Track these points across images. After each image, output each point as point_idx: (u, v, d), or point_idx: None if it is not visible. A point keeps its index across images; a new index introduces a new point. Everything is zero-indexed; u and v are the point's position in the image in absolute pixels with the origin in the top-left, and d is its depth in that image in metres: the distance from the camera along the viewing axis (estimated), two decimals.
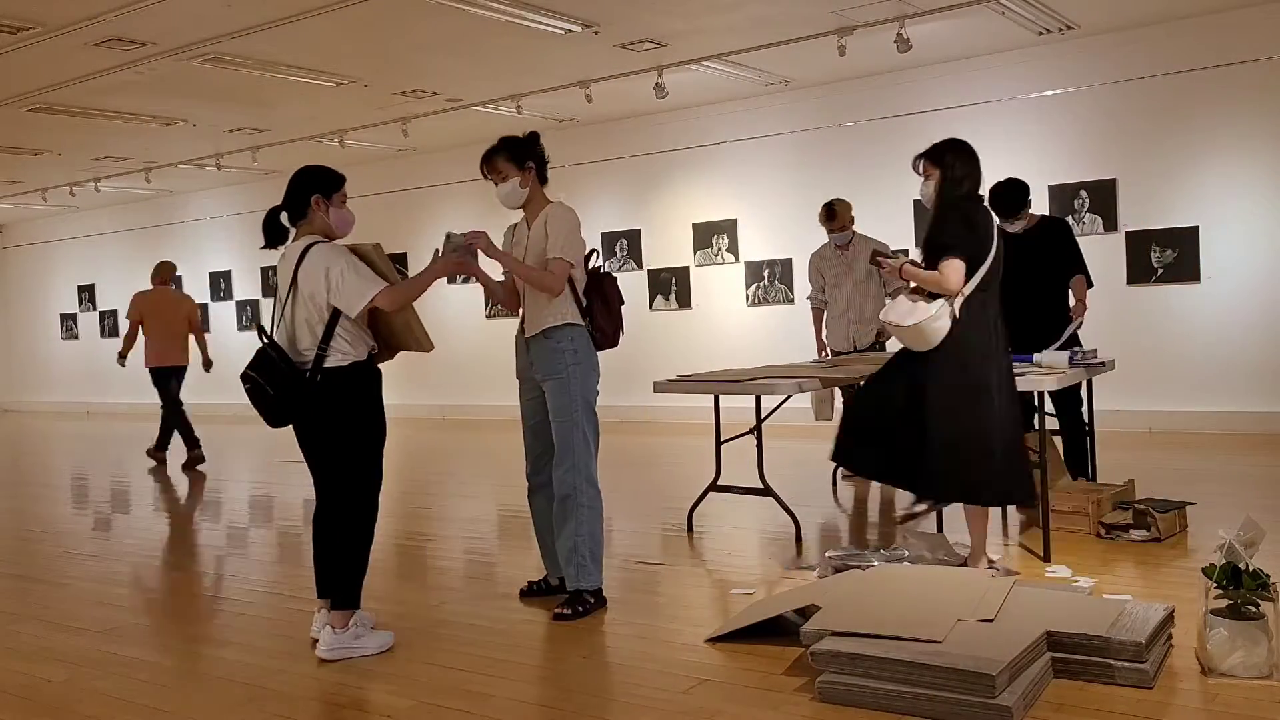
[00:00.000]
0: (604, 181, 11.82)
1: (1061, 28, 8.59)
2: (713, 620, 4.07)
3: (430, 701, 3.36)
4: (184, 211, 16.06)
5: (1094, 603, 3.63)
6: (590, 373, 4.27)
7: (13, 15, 7.18)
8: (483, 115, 10.91)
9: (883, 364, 4.56)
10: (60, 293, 18.14)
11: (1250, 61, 8.37)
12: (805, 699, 3.20)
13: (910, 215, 9.83)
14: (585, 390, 4.24)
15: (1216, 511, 5.42)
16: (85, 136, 11.20)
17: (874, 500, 6.52)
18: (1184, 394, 8.79)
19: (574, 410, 4.21)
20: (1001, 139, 9.49)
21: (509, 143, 4.28)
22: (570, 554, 4.24)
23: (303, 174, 4.03)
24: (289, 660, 3.93)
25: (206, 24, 7.55)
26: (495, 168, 4.28)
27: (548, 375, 4.23)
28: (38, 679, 3.79)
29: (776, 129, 10.65)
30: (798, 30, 8.37)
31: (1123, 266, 8.96)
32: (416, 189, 13.40)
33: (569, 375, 4.20)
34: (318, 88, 9.48)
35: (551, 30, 7.97)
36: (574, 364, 4.21)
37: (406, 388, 13.60)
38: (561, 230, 4.22)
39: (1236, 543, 3.20)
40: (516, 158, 4.25)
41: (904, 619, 3.35)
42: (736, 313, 11.06)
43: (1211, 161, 8.59)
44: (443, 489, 8.02)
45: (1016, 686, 2.99)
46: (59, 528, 7.01)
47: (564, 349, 4.20)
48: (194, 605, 4.76)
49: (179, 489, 8.50)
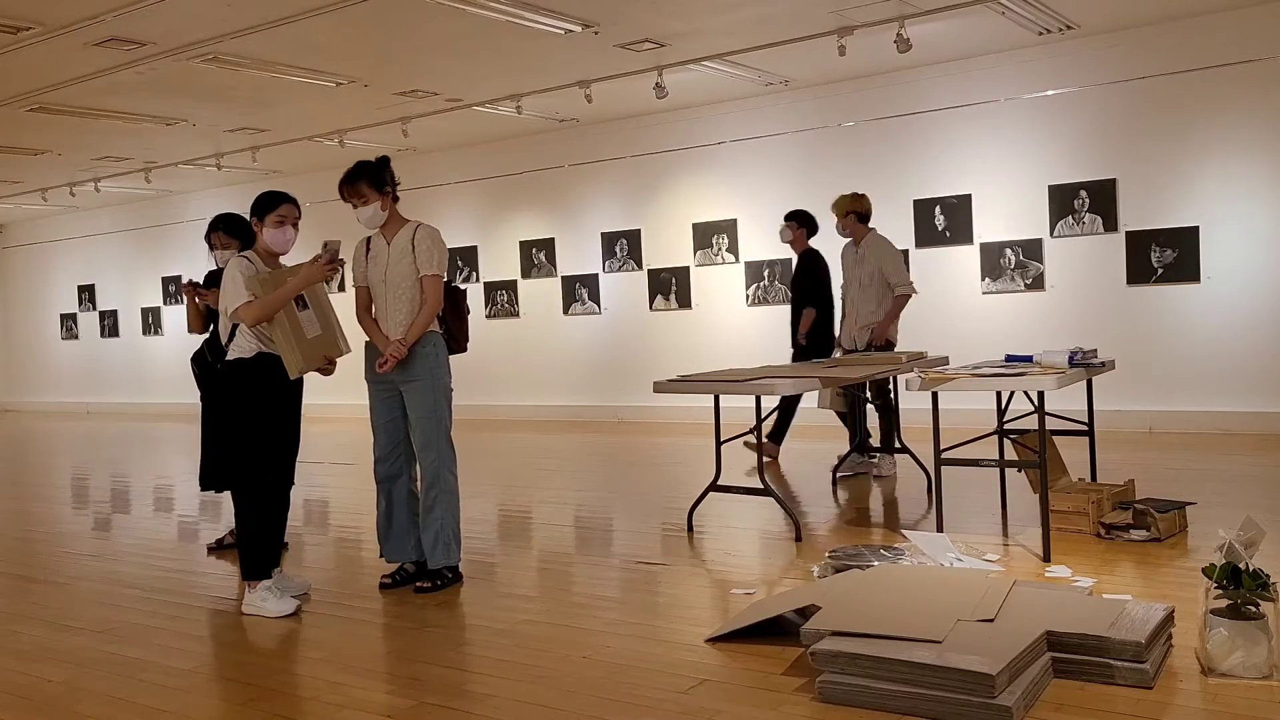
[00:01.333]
0: (604, 181, 11.82)
1: (1061, 28, 8.59)
2: (713, 620, 4.07)
3: (430, 701, 3.36)
4: (184, 211, 16.05)
5: (1094, 603, 3.63)
6: (447, 374, 4.77)
7: (13, 15, 7.18)
8: (483, 115, 10.92)
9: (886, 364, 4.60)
10: (60, 293, 18.14)
11: (1250, 61, 8.38)
12: (805, 699, 3.20)
13: (910, 215, 9.83)
14: (445, 389, 4.74)
15: (1216, 511, 5.43)
16: (85, 136, 11.20)
17: (874, 500, 6.52)
18: (1184, 394, 8.79)
19: (438, 407, 4.69)
20: (1001, 139, 9.51)
21: (368, 168, 4.60)
22: (436, 536, 4.66)
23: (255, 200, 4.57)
24: (289, 660, 3.93)
25: (206, 24, 7.55)
26: (358, 192, 4.60)
27: (412, 378, 4.64)
28: (38, 679, 3.79)
29: (776, 129, 10.66)
30: (798, 30, 8.37)
31: (1123, 266, 8.97)
32: (416, 189, 13.38)
33: (432, 376, 4.66)
34: (318, 88, 9.48)
35: (551, 30, 7.97)
36: (435, 366, 4.66)
37: None
38: (435, 250, 4.63)
39: (1236, 543, 3.20)
40: (376, 182, 4.59)
41: (904, 619, 3.35)
42: (736, 313, 11.06)
43: (1211, 161, 8.60)
44: None
45: (1016, 686, 2.99)
46: (59, 528, 7.01)
47: (427, 353, 4.65)
48: (193, 605, 4.75)
49: (178, 488, 8.50)
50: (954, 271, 9.71)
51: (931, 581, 3.92)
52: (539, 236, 12.45)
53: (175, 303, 16.31)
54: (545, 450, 9.69)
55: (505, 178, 12.67)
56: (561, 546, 5.69)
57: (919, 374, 4.91)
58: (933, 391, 4.86)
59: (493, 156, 12.67)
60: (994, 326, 9.40)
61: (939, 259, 9.76)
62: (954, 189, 9.69)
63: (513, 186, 12.65)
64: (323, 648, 4.02)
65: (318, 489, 7.40)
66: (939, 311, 9.72)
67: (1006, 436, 5.31)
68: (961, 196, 9.66)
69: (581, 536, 5.90)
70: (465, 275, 13.07)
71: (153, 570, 5.53)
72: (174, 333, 16.42)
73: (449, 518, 4.72)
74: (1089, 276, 9.12)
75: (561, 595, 4.69)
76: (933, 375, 4.86)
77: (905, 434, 7.05)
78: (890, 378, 6.90)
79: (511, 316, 12.74)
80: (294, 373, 4.40)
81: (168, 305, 16.47)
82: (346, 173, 4.63)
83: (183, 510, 7.51)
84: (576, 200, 12.10)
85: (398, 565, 4.87)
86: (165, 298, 16.49)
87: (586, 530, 6.04)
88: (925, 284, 9.93)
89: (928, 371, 4.97)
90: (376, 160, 4.67)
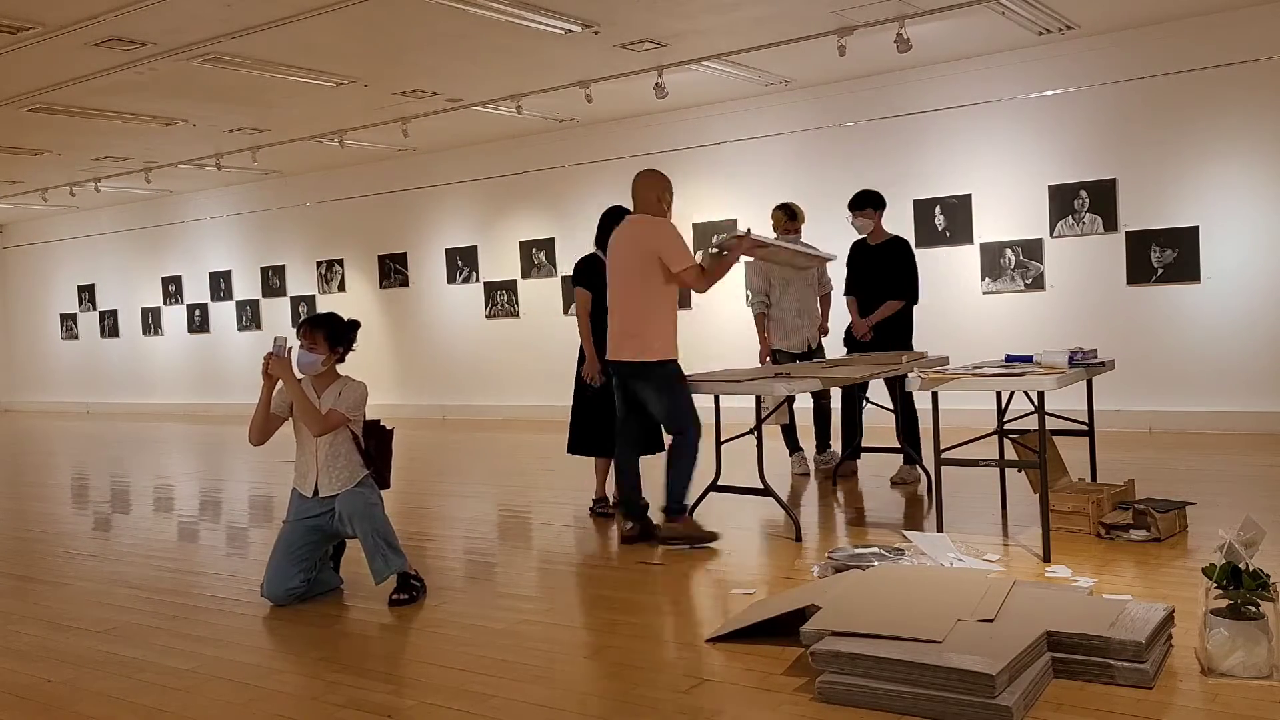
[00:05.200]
0: (604, 181, 11.81)
1: (1061, 28, 8.59)
2: (713, 620, 4.07)
3: (430, 701, 3.36)
4: (184, 211, 16.06)
5: (1094, 603, 3.63)
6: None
7: (13, 15, 7.18)
8: (483, 115, 10.92)
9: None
10: (60, 293, 18.15)
11: (1250, 61, 8.38)
12: (805, 699, 3.20)
13: (910, 215, 9.83)
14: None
15: (1216, 511, 5.43)
16: (85, 136, 11.20)
17: (874, 500, 6.52)
18: (1184, 394, 8.79)
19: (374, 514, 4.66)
20: (1001, 139, 9.51)
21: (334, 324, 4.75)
22: (372, 551, 4.56)
23: None
24: (289, 660, 3.93)
25: (206, 24, 7.55)
26: (313, 338, 4.69)
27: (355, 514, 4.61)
28: (38, 679, 3.79)
29: (776, 129, 10.66)
30: (798, 30, 8.37)
31: (1123, 266, 8.96)
32: (416, 189, 13.40)
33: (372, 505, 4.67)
34: (318, 88, 9.48)
35: (551, 30, 7.97)
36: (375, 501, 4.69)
37: (406, 388, 13.64)
38: (352, 397, 4.71)
39: (1236, 543, 3.20)
40: (332, 339, 4.72)
41: (904, 619, 3.35)
42: (736, 313, 11.05)
43: (1211, 161, 8.60)
44: (443, 489, 8.02)
45: (1016, 686, 2.99)
46: (59, 528, 7.01)
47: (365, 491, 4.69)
48: (194, 605, 4.75)
49: (178, 489, 8.50)
50: (954, 271, 9.71)
51: (931, 581, 3.92)
52: (539, 236, 12.45)
53: (174, 303, 16.33)
54: (545, 450, 9.68)
55: (505, 178, 12.67)
56: (561, 546, 5.69)
57: (919, 374, 4.91)
58: (933, 391, 4.87)
59: (493, 156, 12.67)
60: (994, 326, 9.40)
61: (939, 259, 9.76)
62: (954, 189, 9.69)
63: (513, 186, 12.65)
64: (323, 648, 4.02)
65: None
66: (939, 311, 9.72)
67: (1006, 436, 5.31)
68: (961, 196, 9.66)
69: (582, 536, 5.90)
70: (465, 275, 13.08)
71: (153, 570, 5.53)
72: (174, 333, 16.44)
73: (379, 525, 4.63)
74: (1089, 276, 9.12)
75: (561, 595, 4.69)
76: (933, 375, 4.86)
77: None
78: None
79: (511, 316, 12.74)
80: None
81: (167, 305, 16.48)
82: (316, 316, 4.76)
83: (183, 510, 7.51)
84: (576, 200, 12.09)
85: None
86: (165, 298, 16.51)
87: (587, 530, 6.04)
88: (926, 284, 9.91)
89: (928, 371, 4.97)
90: (348, 322, 4.79)
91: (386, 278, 13.76)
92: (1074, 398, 6.00)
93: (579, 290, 6.20)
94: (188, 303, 16.19)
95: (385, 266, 13.75)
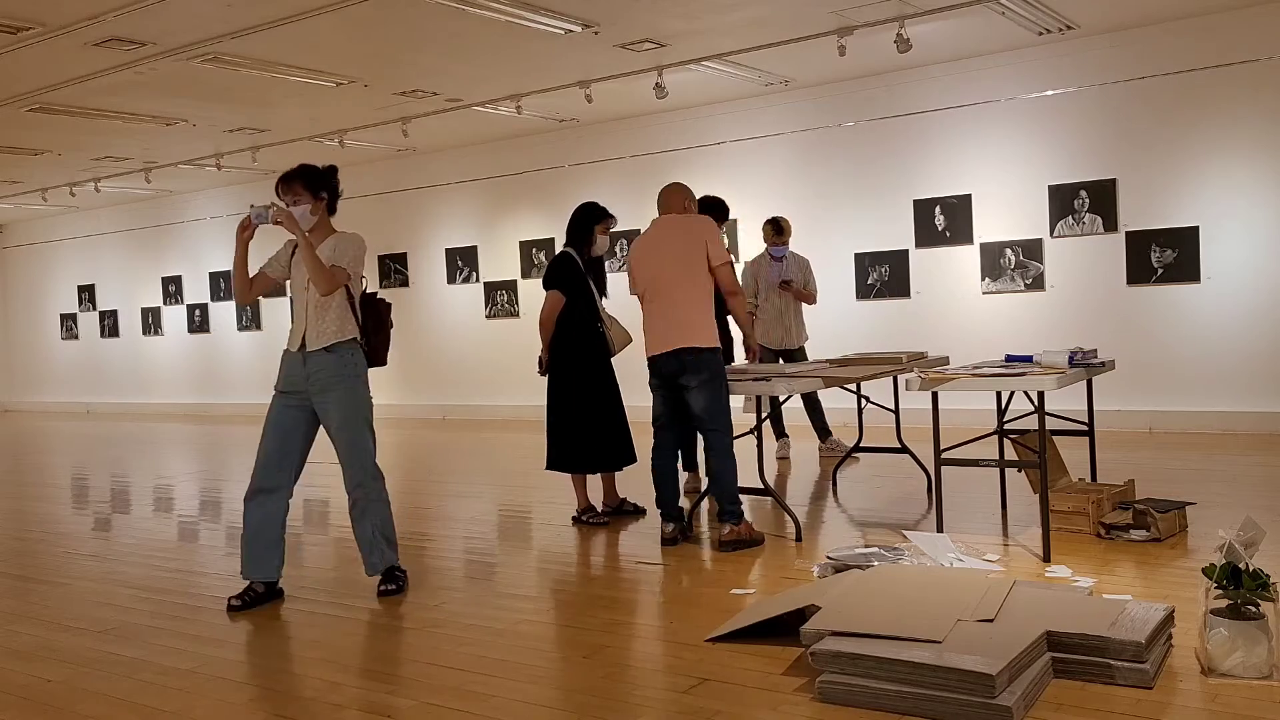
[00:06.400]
0: (604, 181, 11.81)
1: (1061, 28, 8.59)
2: (713, 620, 4.07)
3: (430, 701, 3.36)
4: (184, 211, 16.06)
5: (1094, 603, 3.63)
6: (367, 384, 4.69)
7: (13, 15, 7.18)
8: (483, 115, 10.91)
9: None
10: (60, 293, 18.14)
11: (1250, 61, 8.38)
12: (805, 699, 3.20)
13: (910, 214, 9.83)
14: (367, 398, 4.67)
15: (1216, 511, 5.43)
16: (85, 136, 11.19)
17: (874, 500, 6.52)
18: (1184, 394, 8.79)
19: (360, 416, 4.60)
20: (1001, 139, 9.51)
21: (309, 170, 4.63)
22: (371, 542, 4.65)
23: None
24: (289, 660, 3.93)
25: (206, 24, 7.55)
26: (292, 190, 4.59)
27: (332, 386, 4.54)
28: (38, 679, 3.79)
29: (776, 129, 10.65)
30: (798, 30, 8.37)
31: (1123, 266, 8.96)
32: (416, 189, 13.40)
33: (355, 385, 4.59)
34: (318, 88, 9.48)
35: (551, 30, 7.97)
36: (356, 376, 4.59)
37: (406, 388, 13.63)
38: (350, 250, 4.57)
39: (1236, 543, 3.20)
40: (312, 186, 4.60)
41: (904, 619, 3.35)
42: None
43: (1211, 161, 8.59)
44: (443, 489, 8.02)
45: (1016, 686, 2.99)
46: (59, 528, 7.01)
47: (347, 362, 4.57)
48: (194, 605, 4.75)
49: (178, 489, 8.50)
50: (954, 271, 9.71)
51: (931, 581, 3.92)
52: (539, 236, 12.45)
53: (174, 303, 16.32)
54: (545, 451, 9.67)
55: (505, 178, 12.67)
56: (561, 546, 5.69)
57: (919, 374, 4.91)
58: (933, 391, 4.86)
59: (493, 156, 12.67)
60: (994, 326, 9.40)
61: (939, 259, 9.76)
62: (954, 189, 9.69)
63: (513, 186, 12.64)
64: (323, 648, 4.02)
65: (318, 489, 7.40)
66: (939, 311, 9.73)
67: (1006, 436, 5.30)
68: (961, 196, 9.66)
69: (582, 536, 5.90)
70: (465, 275, 13.08)
71: (153, 570, 5.53)
72: (174, 333, 16.43)
73: (380, 523, 4.67)
74: (1089, 276, 9.11)
75: (561, 595, 4.69)
76: (933, 375, 4.86)
77: (905, 434, 7.04)
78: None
79: (511, 316, 12.73)
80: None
81: (167, 305, 16.47)
82: (287, 171, 4.63)
83: (183, 510, 7.51)
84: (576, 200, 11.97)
85: (248, 584, 4.68)
86: (165, 298, 16.50)
87: (586, 530, 6.04)
88: (926, 284, 9.96)
89: (928, 371, 4.97)
90: (324, 167, 4.68)
91: (386, 278, 13.76)
92: (1074, 398, 6.00)
93: (553, 293, 6.19)
94: (188, 303, 16.18)
95: (385, 266, 13.75)
